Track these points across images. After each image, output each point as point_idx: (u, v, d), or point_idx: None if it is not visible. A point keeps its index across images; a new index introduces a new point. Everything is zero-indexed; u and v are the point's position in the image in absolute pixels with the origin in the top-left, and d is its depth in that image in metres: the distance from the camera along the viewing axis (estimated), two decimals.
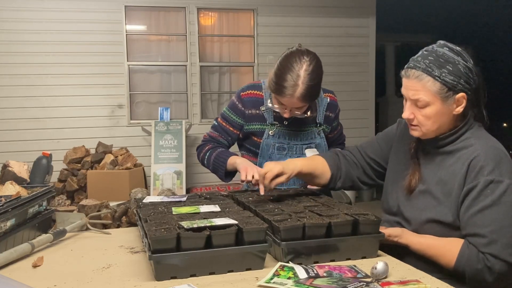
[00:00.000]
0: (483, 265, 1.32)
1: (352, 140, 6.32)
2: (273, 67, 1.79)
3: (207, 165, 2.00)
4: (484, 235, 1.32)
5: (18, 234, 1.48)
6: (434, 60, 1.36)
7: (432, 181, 1.45)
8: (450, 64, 1.35)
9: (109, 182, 4.94)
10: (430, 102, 1.37)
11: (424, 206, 1.45)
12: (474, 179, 1.35)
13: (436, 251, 1.40)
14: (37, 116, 5.60)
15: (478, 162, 1.36)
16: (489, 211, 1.32)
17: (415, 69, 1.38)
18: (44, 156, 2.17)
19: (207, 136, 2.05)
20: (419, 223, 1.46)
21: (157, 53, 6.11)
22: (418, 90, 1.38)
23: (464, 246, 1.36)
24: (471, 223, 1.35)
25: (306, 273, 1.18)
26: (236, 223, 1.26)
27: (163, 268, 1.17)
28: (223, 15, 6.24)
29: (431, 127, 1.42)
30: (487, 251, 1.32)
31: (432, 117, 1.39)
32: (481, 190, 1.33)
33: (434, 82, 1.35)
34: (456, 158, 1.42)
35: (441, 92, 1.36)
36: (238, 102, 1.97)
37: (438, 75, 1.35)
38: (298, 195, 1.70)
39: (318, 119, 1.96)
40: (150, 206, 1.57)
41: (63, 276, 1.25)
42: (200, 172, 5.98)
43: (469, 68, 1.37)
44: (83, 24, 5.65)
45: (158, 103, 6.06)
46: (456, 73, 1.35)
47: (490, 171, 1.34)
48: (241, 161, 1.86)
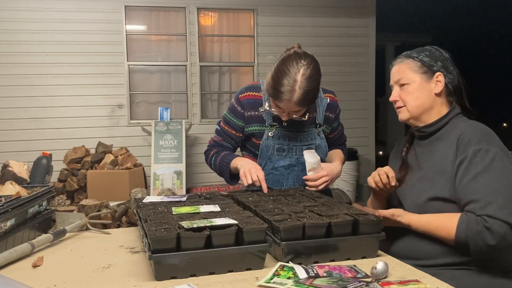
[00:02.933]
0: (482, 226, 1.35)
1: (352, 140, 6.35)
2: (270, 70, 1.77)
3: (214, 169, 2.02)
4: (478, 199, 1.38)
5: (18, 234, 1.48)
6: (416, 50, 1.63)
7: (427, 167, 1.55)
8: (427, 51, 1.60)
9: (109, 182, 4.94)
10: (410, 79, 1.58)
11: (422, 190, 1.52)
12: (463, 151, 1.45)
13: (437, 225, 1.45)
14: (37, 116, 5.60)
15: (465, 136, 1.47)
16: (481, 177, 1.40)
17: (399, 57, 1.64)
18: (44, 156, 2.18)
19: (211, 141, 2.05)
20: (419, 205, 1.52)
21: (157, 53, 6.11)
22: (400, 71, 1.61)
23: (462, 215, 1.41)
24: (466, 191, 1.41)
25: (306, 273, 1.18)
26: (236, 223, 1.26)
27: (163, 268, 1.17)
28: (223, 15, 6.24)
29: (414, 103, 1.58)
30: (483, 213, 1.36)
31: (414, 92, 1.57)
32: (471, 159, 1.42)
33: (413, 61, 1.59)
34: (446, 140, 1.53)
35: (419, 70, 1.57)
36: (237, 105, 1.96)
37: (417, 56, 1.59)
38: (298, 195, 1.70)
39: (317, 120, 1.95)
40: (150, 206, 1.57)
41: (63, 276, 1.25)
42: (200, 172, 5.98)
43: (445, 57, 1.59)
44: (83, 24, 5.65)
45: (158, 103, 6.06)
46: (432, 57, 1.58)
47: (478, 141, 1.44)
48: (242, 164, 1.84)
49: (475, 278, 1.42)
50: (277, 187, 1.93)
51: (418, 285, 1.09)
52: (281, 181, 1.94)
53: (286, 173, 1.94)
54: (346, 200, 5.50)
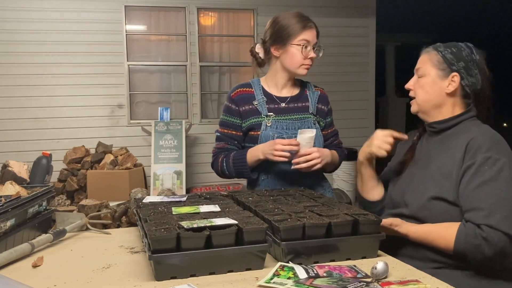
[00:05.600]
0: (481, 239, 1.33)
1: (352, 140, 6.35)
2: (270, 27, 1.97)
3: (229, 174, 1.96)
4: (483, 208, 1.35)
5: (18, 234, 1.48)
6: (446, 44, 1.58)
7: (434, 166, 1.52)
8: (455, 48, 1.54)
9: (109, 182, 4.94)
10: (427, 72, 1.56)
11: (426, 188, 1.50)
12: (472, 157, 1.42)
13: (435, 236, 1.43)
14: (37, 116, 5.60)
15: (475, 142, 1.43)
16: (487, 185, 1.37)
17: (428, 47, 1.60)
18: (44, 156, 2.17)
19: (215, 150, 2.03)
20: (422, 203, 1.49)
21: (157, 53, 6.11)
22: (422, 61, 1.58)
23: (461, 226, 1.39)
24: (471, 198, 1.38)
25: (306, 273, 1.18)
26: (236, 223, 1.26)
27: (163, 268, 1.17)
28: (223, 15, 6.24)
29: (422, 96, 1.57)
30: (485, 223, 1.34)
31: (425, 86, 1.56)
32: (479, 166, 1.39)
33: (436, 54, 1.55)
34: (455, 142, 1.50)
35: (438, 64, 1.54)
36: (231, 103, 1.98)
37: (442, 50, 1.55)
38: (298, 195, 1.70)
39: (310, 110, 1.99)
40: (150, 206, 1.57)
41: (63, 276, 1.25)
42: (200, 172, 5.98)
43: (472, 59, 1.53)
44: (83, 24, 5.65)
45: (158, 103, 6.06)
46: (457, 55, 1.53)
47: (488, 149, 1.41)
48: (262, 151, 1.84)
49: (475, 278, 1.42)
50: (280, 179, 1.94)
51: (418, 285, 1.09)
52: (283, 172, 1.93)
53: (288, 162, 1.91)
54: (346, 200, 5.50)
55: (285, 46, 1.91)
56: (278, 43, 1.93)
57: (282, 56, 1.93)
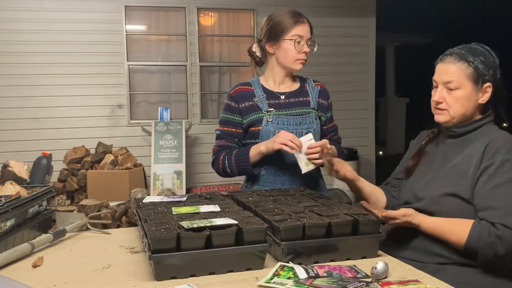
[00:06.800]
0: (495, 237, 1.34)
1: (352, 140, 6.33)
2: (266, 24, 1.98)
3: (230, 171, 1.95)
4: (499, 207, 1.36)
5: (18, 234, 1.48)
6: (469, 50, 1.51)
7: (449, 165, 1.52)
8: (482, 56, 1.49)
9: (109, 182, 4.94)
10: (462, 85, 1.48)
11: (440, 185, 1.50)
12: (491, 158, 1.42)
13: (447, 229, 1.44)
14: (37, 116, 5.60)
15: (495, 143, 1.44)
16: (505, 186, 1.38)
17: (451, 55, 1.51)
18: (44, 156, 2.17)
19: (215, 148, 2.02)
20: (435, 198, 1.50)
21: (157, 53, 6.11)
22: (452, 72, 1.49)
23: (475, 223, 1.40)
24: (487, 197, 1.39)
25: (306, 273, 1.18)
26: (236, 223, 1.26)
27: (163, 268, 1.17)
28: (223, 15, 6.24)
29: (459, 110, 1.50)
30: (500, 222, 1.35)
31: (461, 99, 1.49)
32: (498, 167, 1.40)
33: (468, 66, 1.48)
34: (474, 144, 1.49)
35: (472, 77, 1.48)
36: (231, 101, 1.99)
37: (472, 61, 1.48)
38: (298, 195, 1.70)
39: (311, 105, 1.99)
40: (150, 206, 1.57)
41: (63, 276, 1.25)
42: (200, 172, 5.98)
43: (496, 64, 1.51)
44: (83, 24, 5.65)
45: (158, 103, 6.06)
46: (486, 64, 1.49)
47: (508, 151, 1.41)
48: (265, 146, 1.84)
49: (479, 276, 1.42)
50: (280, 175, 1.94)
51: (418, 285, 1.09)
52: (285, 167, 1.94)
53: (289, 156, 1.92)
54: (346, 200, 5.49)
55: (279, 42, 1.93)
56: (272, 39, 1.95)
57: (276, 52, 1.96)
